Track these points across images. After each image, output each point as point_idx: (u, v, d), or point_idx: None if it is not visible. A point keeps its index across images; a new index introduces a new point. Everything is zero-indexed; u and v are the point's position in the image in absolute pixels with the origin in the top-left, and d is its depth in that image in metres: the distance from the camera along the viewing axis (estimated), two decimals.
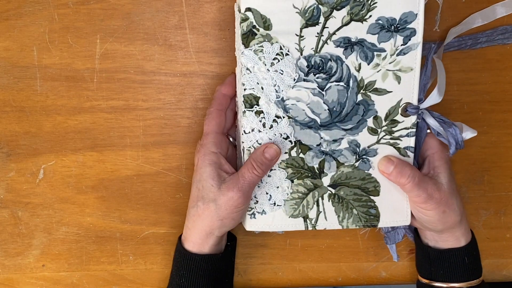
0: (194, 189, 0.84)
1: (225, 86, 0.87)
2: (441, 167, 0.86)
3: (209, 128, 0.85)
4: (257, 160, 0.82)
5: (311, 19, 0.78)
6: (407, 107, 0.82)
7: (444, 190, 0.84)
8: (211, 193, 0.82)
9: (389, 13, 0.78)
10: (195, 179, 0.84)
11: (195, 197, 0.84)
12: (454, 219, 0.85)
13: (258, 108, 0.82)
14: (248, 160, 0.83)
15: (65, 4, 0.89)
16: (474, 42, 0.92)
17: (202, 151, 0.84)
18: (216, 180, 0.82)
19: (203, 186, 0.83)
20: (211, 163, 0.83)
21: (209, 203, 0.82)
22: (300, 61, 0.80)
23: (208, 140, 0.84)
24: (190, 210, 0.85)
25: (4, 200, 0.94)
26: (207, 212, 0.82)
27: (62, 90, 0.91)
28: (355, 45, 0.79)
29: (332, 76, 0.80)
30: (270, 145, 0.83)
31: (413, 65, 0.81)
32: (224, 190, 0.82)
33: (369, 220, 0.88)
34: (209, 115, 0.85)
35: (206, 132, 0.85)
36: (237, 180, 0.82)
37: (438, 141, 0.87)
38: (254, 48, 0.79)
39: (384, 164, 0.84)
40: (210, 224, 0.83)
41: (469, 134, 0.85)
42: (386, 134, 0.84)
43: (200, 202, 0.83)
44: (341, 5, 0.77)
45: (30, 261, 0.96)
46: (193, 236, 0.85)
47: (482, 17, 0.91)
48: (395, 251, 0.96)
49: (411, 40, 0.79)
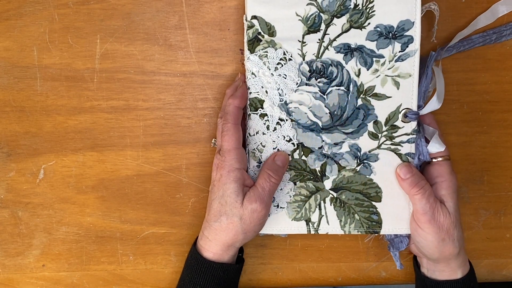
0: (216, 204, 0.89)
1: (238, 99, 0.90)
2: (448, 196, 0.90)
3: (230, 145, 0.88)
4: (271, 169, 0.89)
5: (312, 26, 0.87)
6: (407, 113, 0.89)
7: (448, 217, 0.89)
8: (235, 208, 0.88)
9: (387, 21, 0.87)
10: (217, 194, 0.89)
11: (217, 211, 0.89)
12: (452, 250, 0.90)
13: (262, 111, 0.90)
14: (263, 171, 0.90)
15: (65, 4, 0.94)
16: (498, 36, 0.97)
17: (226, 168, 0.88)
18: (241, 196, 0.88)
19: (226, 201, 0.88)
20: (236, 180, 0.88)
21: (233, 218, 0.88)
22: (303, 66, 0.89)
23: (231, 157, 0.88)
24: (212, 223, 0.89)
25: (4, 200, 1.00)
26: (231, 226, 0.88)
27: (62, 90, 0.96)
28: (354, 51, 0.88)
29: (333, 81, 0.89)
30: (278, 152, 0.90)
31: (411, 71, 0.88)
32: (247, 204, 0.88)
33: (371, 226, 0.94)
34: (228, 131, 0.89)
35: (228, 149, 0.89)
36: (258, 192, 0.89)
37: (449, 170, 0.91)
38: (259, 53, 0.88)
39: (404, 169, 0.90)
40: (233, 238, 0.89)
41: (436, 147, 0.90)
42: (387, 140, 0.91)
43: (223, 217, 0.88)
44: (341, 13, 0.86)
45: (30, 261, 1.01)
46: (213, 247, 0.90)
47: (486, 18, 0.96)
48: (399, 259, 0.99)
49: (409, 47, 0.87)
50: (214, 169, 0.91)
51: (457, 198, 0.91)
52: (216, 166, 0.90)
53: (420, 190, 0.88)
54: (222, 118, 0.90)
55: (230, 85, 0.94)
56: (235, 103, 0.90)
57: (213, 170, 0.91)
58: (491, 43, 0.97)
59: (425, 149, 0.91)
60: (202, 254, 0.91)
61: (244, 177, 0.90)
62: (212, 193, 0.90)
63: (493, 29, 0.97)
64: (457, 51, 0.96)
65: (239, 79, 0.93)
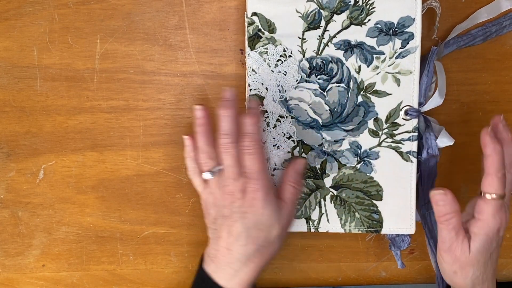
0: (254, 231, 0.87)
1: (257, 118, 0.87)
2: (477, 236, 0.85)
3: (260, 166, 0.86)
4: (295, 180, 0.90)
5: (312, 22, 0.88)
6: (408, 110, 0.90)
7: (467, 255, 0.85)
8: (274, 231, 0.87)
9: (387, 17, 0.87)
10: (250, 223, 0.86)
11: (254, 238, 0.87)
12: (463, 286, 0.88)
13: (262, 108, 0.91)
14: (285, 185, 0.90)
15: (65, 4, 0.94)
16: (498, 28, 0.96)
17: (261, 190, 0.85)
18: (278, 219, 0.88)
19: (263, 228, 0.87)
20: (272, 203, 0.87)
21: (274, 241, 0.88)
22: (303, 63, 0.89)
23: (265, 177, 0.86)
24: (250, 252, 0.87)
25: (4, 200, 0.99)
26: (271, 250, 0.89)
27: (62, 90, 0.96)
28: (355, 48, 0.88)
29: (333, 78, 0.89)
30: (298, 161, 0.91)
31: (412, 68, 0.89)
32: (283, 224, 0.89)
33: (372, 225, 0.94)
34: (255, 154, 0.85)
35: (258, 170, 0.86)
36: (286, 208, 0.89)
37: (492, 210, 0.84)
38: (259, 50, 0.89)
39: (436, 197, 0.85)
40: (268, 260, 0.90)
41: (445, 141, 0.90)
42: (388, 137, 0.91)
43: (264, 243, 0.87)
44: (341, 9, 0.87)
45: (30, 261, 1.01)
46: (239, 279, 0.88)
47: (487, 12, 0.95)
48: (400, 258, 0.99)
49: (409, 43, 0.88)
50: (245, 193, 0.87)
51: (489, 241, 0.85)
52: (250, 190, 0.86)
53: (445, 222, 0.86)
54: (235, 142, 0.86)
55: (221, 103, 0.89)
56: (257, 123, 0.87)
57: (229, 198, 0.87)
58: (492, 36, 0.96)
59: (434, 143, 0.91)
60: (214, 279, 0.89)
61: (275, 194, 0.89)
62: (244, 218, 0.87)
63: (492, 22, 0.96)
64: (458, 46, 0.95)
65: (257, 110, 0.91)
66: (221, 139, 0.86)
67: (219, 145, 0.87)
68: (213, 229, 0.90)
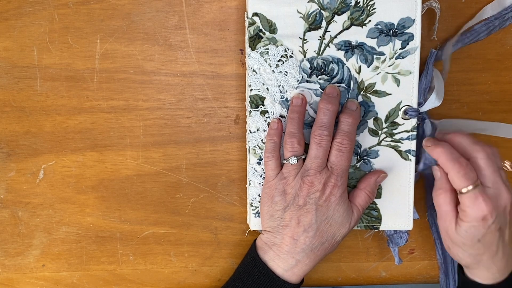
0: (324, 225, 0.89)
1: (357, 119, 0.90)
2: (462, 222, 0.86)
3: (347, 165, 0.88)
4: (371, 190, 0.92)
5: (313, 23, 0.88)
6: (407, 110, 0.90)
7: (455, 235, 0.88)
8: (343, 229, 0.90)
9: (387, 18, 0.88)
10: (323, 217, 0.88)
11: (323, 232, 0.89)
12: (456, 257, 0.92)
13: (263, 108, 0.91)
14: (360, 191, 0.92)
15: (65, 4, 0.94)
16: (501, 21, 0.96)
17: (341, 189, 0.88)
18: (348, 220, 0.90)
19: (334, 224, 0.89)
20: (346, 203, 0.89)
21: (339, 240, 0.91)
22: (304, 63, 0.90)
23: (346, 177, 0.89)
24: (315, 245, 0.89)
25: (4, 200, 1.00)
26: (332, 247, 0.91)
27: (62, 90, 0.97)
28: (355, 48, 0.89)
29: (333, 78, 0.90)
30: (381, 174, 0.92)
31: (411, 68, 0.89)
32: (351, 227, 0.91)
33: (371, 222, 0.95)
34: (346, 153, 0.87)
35: (345, 169, 0.88)
36: (356, 212, 0.91)
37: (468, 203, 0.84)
38: (260, 50, 0.90)
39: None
40: (323, 257, 0.92)
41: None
42: (387, 136, 0.92)
43: (330, 239, 0.90)
44: (342, 10, 0.88)
45: (30, 261, 1.02)
46: (298, 269, 0.90)
47: (493, 9, 0.95)
48: (397, 254, 0.99)
49: (409, 44, 0.88)
50: (310, 186, 0.88)
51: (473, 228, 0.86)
52: (325, 183, 0.88)
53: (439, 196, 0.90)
54: (330, 136, 0.88)
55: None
56: (353, 122, 0.89)
57: (307, 189, 0.88)
58: (496, 29, 0.96)
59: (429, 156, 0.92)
60: (274, 270, 0.91)
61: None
62: (318, 211, 0.89)
63: (495, 15, 0.96)
64: (463, 44, 0.96)
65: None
66: (317, 130, 0.88)
67: (314, 136, 0.88)
68: (278, 217, 0.91)
